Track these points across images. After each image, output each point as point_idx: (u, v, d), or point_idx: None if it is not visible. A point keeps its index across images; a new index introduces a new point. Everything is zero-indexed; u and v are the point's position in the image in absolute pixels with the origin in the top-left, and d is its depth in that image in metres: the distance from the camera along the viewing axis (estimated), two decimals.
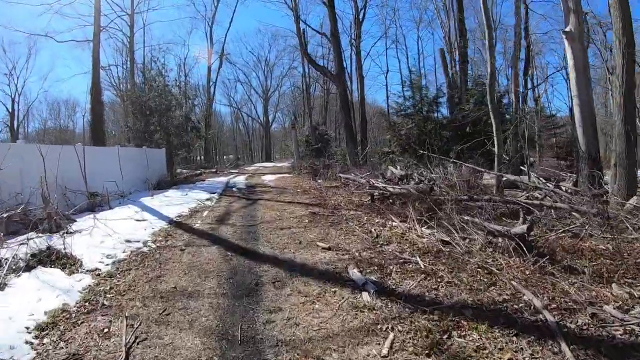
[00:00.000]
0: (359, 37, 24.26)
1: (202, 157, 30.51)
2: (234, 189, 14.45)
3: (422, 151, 11.90)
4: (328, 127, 33.92)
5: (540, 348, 2.56)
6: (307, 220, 7.22)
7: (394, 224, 6.38)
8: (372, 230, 6.10)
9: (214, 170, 25.11)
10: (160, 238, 6.44)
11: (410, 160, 15.08)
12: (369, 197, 8.94)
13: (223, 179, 19.75)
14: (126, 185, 12.45)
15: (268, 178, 19.08)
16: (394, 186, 8.79)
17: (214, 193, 12.95)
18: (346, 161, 18.09)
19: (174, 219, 8.31)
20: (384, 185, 9.23)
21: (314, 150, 27.16)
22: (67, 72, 64.37)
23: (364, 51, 33.48)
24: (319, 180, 16.06)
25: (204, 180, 19.18)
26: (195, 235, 6.58)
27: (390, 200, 8.41)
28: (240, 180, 18.57)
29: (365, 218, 6.92)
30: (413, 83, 16.32)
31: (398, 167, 13.40)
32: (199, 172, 24.06)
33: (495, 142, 10.01)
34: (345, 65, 17.89)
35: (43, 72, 70.22)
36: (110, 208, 9.70)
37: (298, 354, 2.67)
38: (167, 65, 20.17)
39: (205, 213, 8.97)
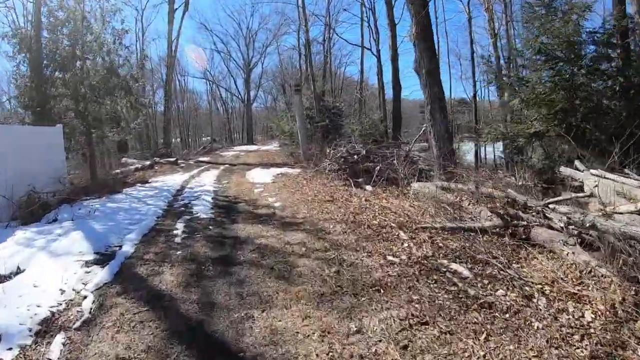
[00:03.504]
0: None
1: (163, 139, 20.86)
2: (177, 227, 5.17)
3: None
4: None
5: None
6: None
7: None
8: None
9: (173, 159, 15.77)
10: None
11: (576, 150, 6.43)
12: None
13: (178, 179, 10.46)
14: None
15: (259, 177, 9.96)
16: None
17: (104, 263, 3.87)
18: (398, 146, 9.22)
19: None
20: None
21: (319, 129, 18.05)
22: None
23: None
24: (372, 190, 7.26)
25: (145, 183, 9.92)
26: None
27: None
28: (207, 183, 9.33)
29: None
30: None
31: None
32: (149, 163, 14.67)
33: None
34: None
35: None
36: None
37: None
38: None
39: None
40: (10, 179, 6.16)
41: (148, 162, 14.75)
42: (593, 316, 2.42)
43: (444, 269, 3.19)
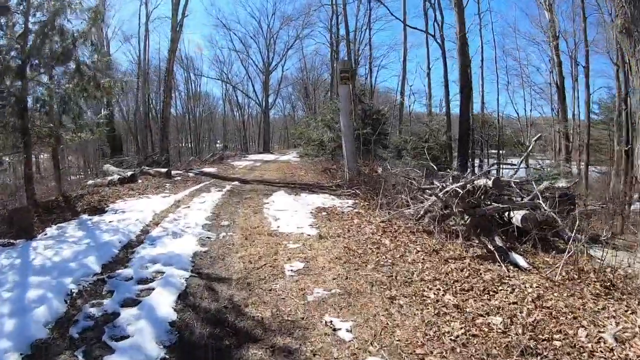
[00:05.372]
0: None
1: (159, 143, 16.61)
2: None
3: None
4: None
5: None
6: None
7: None
8: None
9: (164, 169, 11.56)
10: None
11: None
12: None
13: (151, 208, 6.07)
14: None
15: (288, 217, 5.56)
16: None
17: None
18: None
19: None
20: None
21: (359, 138, 13.54)
22: None
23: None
24: (532, 268, 2.73)
25: (96, 213, 5.66)
26: None
27: None
28: (192, 227, 4.92)
29: None
30: None
31: None
32: (130, 174, 10.47)
33: None
34: None
35: None
36: None
37: None
38: None
39: None
40: None
41: (129, 173, 10.56)
42: None
43: None
